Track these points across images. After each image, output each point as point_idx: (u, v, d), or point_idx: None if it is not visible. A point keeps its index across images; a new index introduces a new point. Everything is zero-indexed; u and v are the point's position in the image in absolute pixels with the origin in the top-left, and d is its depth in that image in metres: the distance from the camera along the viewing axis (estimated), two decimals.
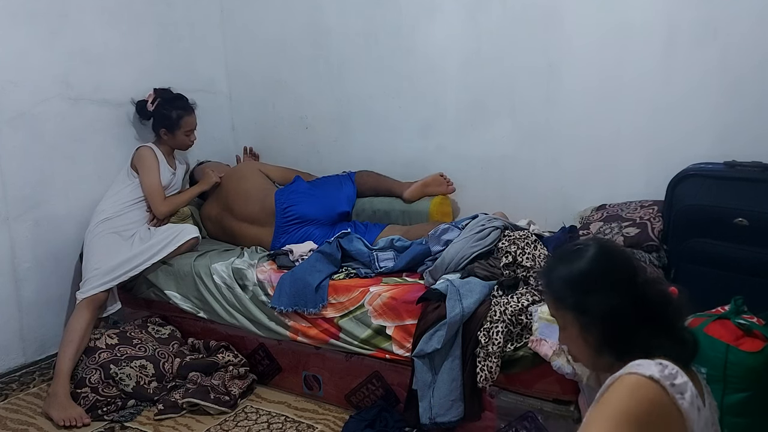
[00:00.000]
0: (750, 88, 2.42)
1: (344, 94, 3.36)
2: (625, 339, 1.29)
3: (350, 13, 3.25)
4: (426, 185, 3.05)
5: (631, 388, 1.18)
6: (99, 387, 2.62)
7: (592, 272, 1.32)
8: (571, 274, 1.34)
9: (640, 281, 1.32)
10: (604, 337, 1.31)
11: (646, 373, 1.18)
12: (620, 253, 1.39)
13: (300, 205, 3.03)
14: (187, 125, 3.15)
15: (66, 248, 3.04)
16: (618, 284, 1.30)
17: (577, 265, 1.34)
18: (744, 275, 2.14)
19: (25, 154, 2.88)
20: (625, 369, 1.21)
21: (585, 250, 1.35)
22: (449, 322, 2.19)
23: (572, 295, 1.33)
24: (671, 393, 1.16)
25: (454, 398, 2.20)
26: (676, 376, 1.19)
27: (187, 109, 3.16)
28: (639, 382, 1.18)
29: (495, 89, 2.94)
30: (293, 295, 2.55)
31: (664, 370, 1.19)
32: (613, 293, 1.29)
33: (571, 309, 1.33)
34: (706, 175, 2.32)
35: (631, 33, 2.60)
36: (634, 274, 1.32)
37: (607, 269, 1.33)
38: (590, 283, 1.32)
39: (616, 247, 1.44)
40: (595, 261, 1.33)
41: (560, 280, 1.36)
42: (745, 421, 1.87)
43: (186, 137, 3.16)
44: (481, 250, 2.41)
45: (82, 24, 3.03)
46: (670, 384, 1.17)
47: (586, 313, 1.31)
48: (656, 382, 1.17)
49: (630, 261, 1.37)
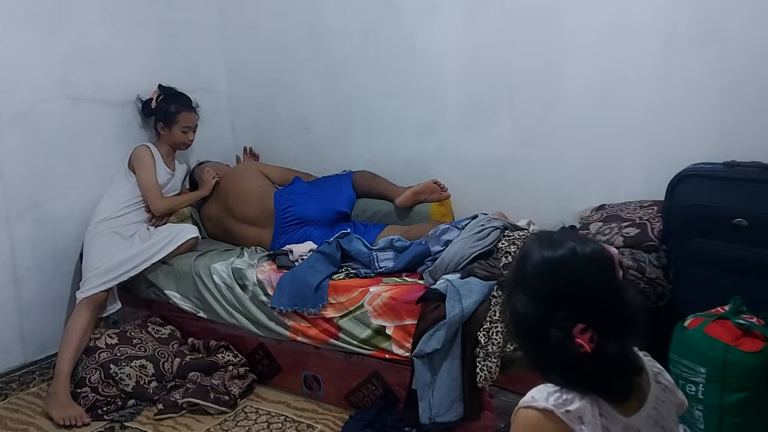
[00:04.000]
0: (750, 88, 2.42)
1: (344, 94, 3.36)
2: (528, 347, 1.22)
3: (350, 13, 3.25)
4: (418, 193, 2.98)
5: (522, 426, 1.14)
6: (99, 387, 2.62)
7: (537, 268, 1.19)
8: (523, 255, 1.23)
9: (560, 317, 1.14)
10: (516, 333, 1.25)
11: (539, 406, 1.12)
12: (581, 274, 1.17)
13: (299, 206, 3.03)
14: (185, 121, 3.14)
15: (66, 248, 3.04)
16: (542, 297, 1.17)
17: (537, 252, 1.20)
18: (744, 275, 2.14)
19: (25, 154, 2.88)
20: (522, 401, 1.16)
21: (559, 245, 1.20)
22: (449, 322, 2.19)
23: (512, 274, 1.25)
24: (567, 422, 1.10)
25: (453, 398, 2.20)
26: (572, 401, 1.12)
27: (187, 106, 3.17)
28: (531, 418, 1.13)
29: (495, 90, 2.94)
30: (293, 295, 2.55)
31: (560, 396, 1.13)
32: (534, 303, 1.17)
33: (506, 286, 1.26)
34: (705, 176, 2.31)
35: (631, 33, 2.60)
36: (567, 305, 1.15)
37: (551, 275, 1.18)
38: (528, 276, 1.20)
39: (586, 265, 1.18)
40: (551, 261, 1.18)
41: (516, 260, 1.26)
42: (744, 421, 1.88)
43: (183, 134, 3.15)
44: (480, 250, 2.41)
45: (82, 24, 3.03)
46: (564, 411, 1.11)
47: (508, 294, 1.25)
48: (549, 413, 1.11)
49: (576, 289, 1.16)
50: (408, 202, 2.99)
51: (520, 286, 1.20)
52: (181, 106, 3.14)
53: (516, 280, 1.22)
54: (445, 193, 3.02)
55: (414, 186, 3.01)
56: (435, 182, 3.00)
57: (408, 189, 3.01)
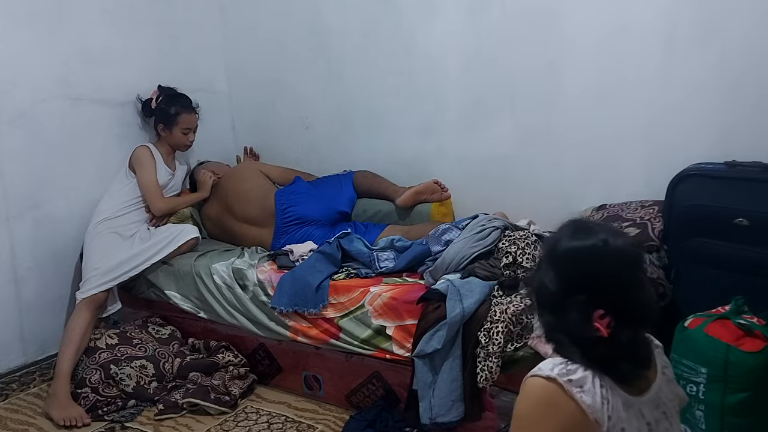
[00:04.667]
0: (750, 88, 2.42)
1: (344, 94, 3.36)
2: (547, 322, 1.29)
3: (350, 12, 3.24)
4: (419, 193, 2.98)
5: (527, 394, 1.22)
6: (99, 387, 2.62)
7: (568, 252, 1.26)
8: (558, 236, 1.30)
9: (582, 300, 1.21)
10: (534, 301, 1.33)
11: (543, 374, 1.20)
12: (610, 266, 1.23)
13: (300, 206, 3.03)
14: (185, 122, 3.13)
15: (66, 248, 3.04)
16: (569, 279, 1.24)
17: (571, 237, 1.27)
18: (744, 275, 2.14)
19: (25, 154, 2.88)
20: (529, 372, 1.24)
21: (592, 234, 1.25)
22: (449, 323, 2.19)
23: (544, 251, 1.36)
24: (568, 389, 1.18)
25: (454, 398, 2.20)
26: (575, 371, 1.20)
27: (187, 107, 3.16)
28: (535, 386, 1.21)
29: (495, 89, 2.94)
30: (293, 295, 2.55)
31: (565, 367, 1.21)
32: (560, 281, 1.24)
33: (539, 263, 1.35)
34: (706, 175, 2.31)
35: (631, 33, 2.59)
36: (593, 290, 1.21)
37: (580, 262, 1.24)
38: (558, 257, 1.27)
39: (619, 258, 1.24)
40: (582, 248, 1.24)
41: (551, 239, 1.36)
42: (745, 421, 1.88)
43: (183, 135, 3.15)
44: (481, 250, 2.41)
45: (82, 24, 3.03)
46: (567, 380, 1.18)
47: (535, 270, 1.34)
48: (552, 381, 1.19)
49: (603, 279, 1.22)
50: (408, 202, 2.99)
51: (551, 263, 1.27)
52: (181, 108, 3.13)
53: (547, 258, 1.30)
54: (446, 193, 3.02)
55: (415, 186, 3.01)
56: (436, 182, 3.00)
57: (408, 189, 3.00)
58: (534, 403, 1.21)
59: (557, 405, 1.18)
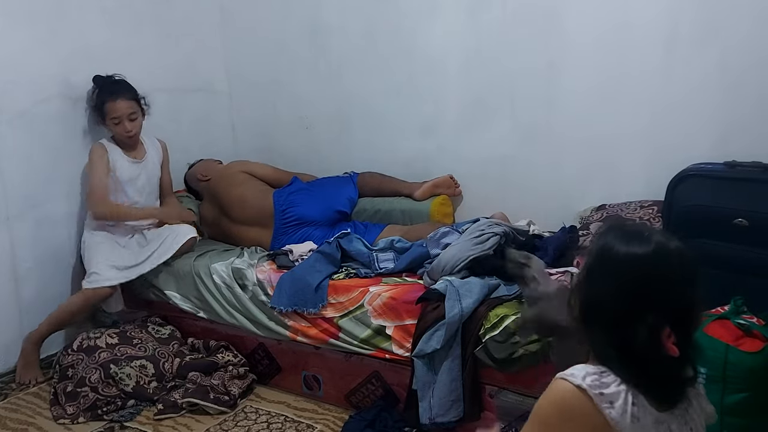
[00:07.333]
0: (750, 88, 2.42)
1: (344, 94, 3.36)
2: (592, 335, 1.22)
3: (350, 12, 3.24)
4: (436, 186, 3.05)
5: (554, 396, 1.17)
6: (99, 386, 2.62)
7: (626, 263, 1.17)
8: (606, 246, 1.20)
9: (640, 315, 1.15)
10: (581, 313, 1.24)
11: (575, 382, 1.14)
12: (662, 276, 1.17)
13: (299, 207, 3.03)
14: (112, 112, 2.86)
15: (66, 248, 3.05)
16: (632, 294, 1.16)
17: (623, 245, 1.19)
18: (744, 275, 2.14)
19: (25, 154, 2.88)
20: (561, 373, 1.18)
21: (647, 240, 1.19)
22: (448, 322, 2.19)
23: (591, 262, 1.23)
24: (597, 402, 1.12)
25: (453, 398, 2.20)
26: (609, 385, 1.14)
27: (113, 94, 2.86)
28: (564, 390, 1.15)
29: (495, 89, 2.94)
30: (293, 295, 2.55)
31: (598, 379, 1.14)
32: (622, 296, 1.17)
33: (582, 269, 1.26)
34: (706, 176, 2.31)
35: (632, 31, 2.59)
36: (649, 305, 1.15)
37: (637, 273, 1.17)
38: (614, 270, 1.18)
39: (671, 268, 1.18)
40: (642, 257, 1.17)
41: (598, 245, 1.23)
42: (744, 422, 1.87)
43: (116, 126, 2.88)
44: (478, 254, 2.39)
45: (82, 24, 3.03)
46: (598, 393, 1.12)
47: (585, 280, 1.24)
48: (583, 392, 1.13)
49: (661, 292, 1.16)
50: (427, 194, 3.06)
51: (608, 274, 1.19)
52: (106, 96, 2.87)
53: (602, 267, 1.20)
54: (458, 189, 3.08)
55: (431, 180, 3.07)
56: (451, 177, 3.07)
57: (426, 183, 3.06)
58: (558, 409, 1.16)
59: (582, 416, 1.13)
